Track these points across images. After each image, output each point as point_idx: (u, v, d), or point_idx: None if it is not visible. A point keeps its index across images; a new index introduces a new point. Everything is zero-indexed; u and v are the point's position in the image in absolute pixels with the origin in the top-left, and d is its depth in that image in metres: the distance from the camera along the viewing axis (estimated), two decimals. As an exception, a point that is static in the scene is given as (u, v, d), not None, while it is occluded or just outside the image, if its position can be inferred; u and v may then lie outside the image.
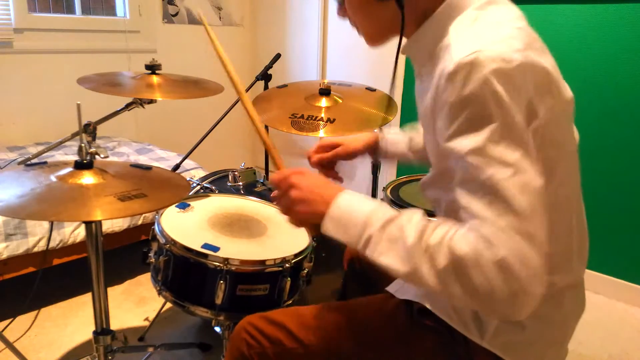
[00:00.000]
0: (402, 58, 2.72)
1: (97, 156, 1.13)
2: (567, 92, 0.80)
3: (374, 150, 1.25)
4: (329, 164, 1.22)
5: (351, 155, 1.23)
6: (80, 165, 1.09)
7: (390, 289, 0.99)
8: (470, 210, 0.68)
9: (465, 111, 0.68)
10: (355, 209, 0.77)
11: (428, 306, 0.89)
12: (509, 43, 0.69)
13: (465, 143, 0.69)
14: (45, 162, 1.18)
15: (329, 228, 0.78)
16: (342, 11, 0.89)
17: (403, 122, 2.78)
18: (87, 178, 1.07)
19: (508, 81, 0.67)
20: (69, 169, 1.09)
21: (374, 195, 1.88)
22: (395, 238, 0.72)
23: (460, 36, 0.73)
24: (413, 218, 0.72)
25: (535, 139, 0.71)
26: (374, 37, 0.88)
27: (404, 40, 0.86)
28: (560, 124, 0.76)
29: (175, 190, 1.12)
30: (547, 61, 0.75)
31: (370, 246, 0.73)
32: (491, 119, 0.67)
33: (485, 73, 0.66)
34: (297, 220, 0.85)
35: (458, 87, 0.68)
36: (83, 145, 1.09)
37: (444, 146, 0.72)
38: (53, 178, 1.07)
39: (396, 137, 1.25)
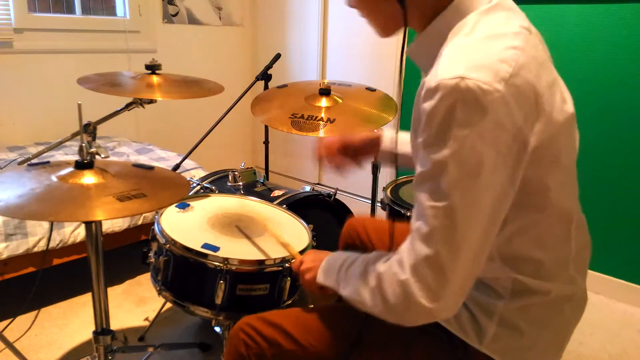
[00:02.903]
0: (402, 59, 2.72)
1: (97, 156, 1.13)
2: (567, 108, 0.77)
3: (376, 147, 1.23)
4: (340, 151, 1.24)
5: (357, 144, 1.23)
6: (80, 165, 1.09)
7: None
8: (410, 226, 0.77)
9: (431, 129, 0.70)
10: (335, 260, 0.94)
11: None
12: (496, 69, 0.68)
13: (421, 160, 0.73)
14: (47, 162, 1.18)
15: (321, 278, 0.96)
16: (351, 2, 0.89)
17: (403, 122, 2.78)
18: (88, 178, 1.07)
19: (482, 114, 0.67)
20: (70, 169, 1.09)
21: (374, 195, 1.88)
22: (351, 274, 0.87)
23: (452, 50, 0.73)
24: (369, 255, 0.87)
25: (526, 160, 0.72)
26: (382, 30, 0.89)
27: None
28: (556, 141, 0.75)
29: (174, 190, 1.12)
30: (542, 80, 0.72)
31: (340, 285, 0.90)
32: (449, 146, 0.68)
33: (458, 102, 0.67)
34: (309, 283, 1.01)
35: (432, 105, 0.69)
36: (84, 145, 1.09)
37: (414, 149, 0.77)
38: (53, 178, 1.07)
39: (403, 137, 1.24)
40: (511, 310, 0.82)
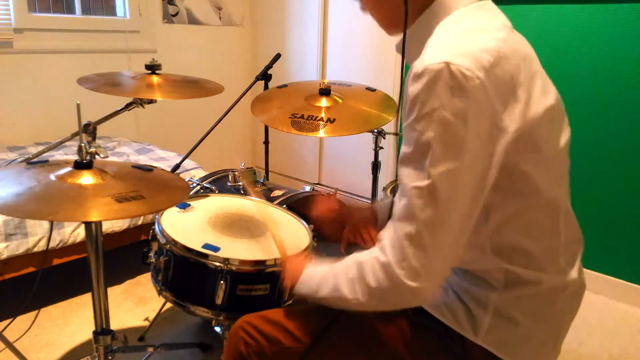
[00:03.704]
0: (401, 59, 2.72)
1: (97, 156, 1.13)
2: (547, 100, 0.79)
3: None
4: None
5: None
6: (79, 165, 1.09)
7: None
8: (393, 210, 0.78)
9: (415, 112, 0.73)
10: (316, 269, 0.93)
11: (423, 305, 0.90)
12: (479, 57, 0.72)
13: (406, 141, 0.76)
14: (46, 161, 1.18)
15: (299, 289, 0.94)
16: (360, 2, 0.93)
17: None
18: (86, 178, 1.07)
19: (464, 98, 0.70)
20: (69, 169, 1.09)
21: (374, 195, 1.88)
22: (331, 274, 0.86)
23: (439, 39, 0.77)
24: (347, 257, 0.86)
25: (504, 146, 0.75)
26: (388, 27, 0.92)
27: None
28: (534, 130, 0.77)
29: (173, 192, 1.12)
30: (521, 71, 0.76)
31: (320, 288, 0.88)
32: (433, 128, 0.71)
33: (443, 85, 0.70)
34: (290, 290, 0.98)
35: (417, 88, 0.72)
36: (83, 145, 1.09)
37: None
38: (52, 177, 1.06)
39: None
40: (505, 301, 0.83)
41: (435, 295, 0.78)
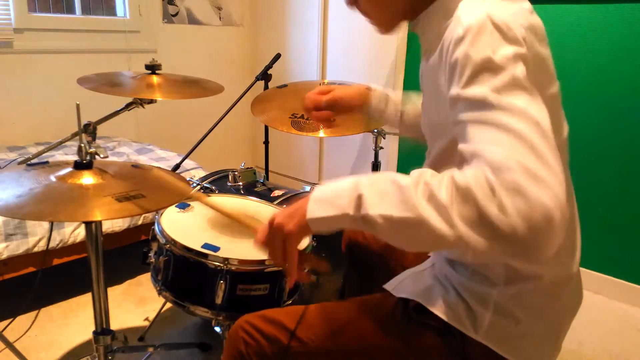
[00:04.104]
0: (402, 58, 2.72)
1: (97, 156, 1.13)
2: (557, 84, 0.80)
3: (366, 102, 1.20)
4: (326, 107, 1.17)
5: (347, 103, 1.18)
6: (79, 166, 1.09)
7: (388, 286, 0.99)
8: (479, 152, 0.63)
9: (474, 68, 0.69)
10: (336, 185, 0.73)
11: (423, 303, 0.90)
12: (516, 18, 0.72)
13: (467, 106, 0.69)
14: (46, 162, 1.18)
15: (315, 211, 0.72)
16: (352, 1, 0.90)
17: (403, 122, 2.78)
18: (87, 178, 1.07)
19: (514, 43, 0.69)
20: (69, 169, 1.09)
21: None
22: (387, 189, 0.67)
23: (469, 7, 0.75)
24: (399, 174, 0.69)
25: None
26: (385, 25, 0.90)
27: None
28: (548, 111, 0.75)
29: (174, 191, 1.12)
30: (544, 44, 0.77)
31: (363, 204, 0.67)
32: (497, 72, 0.67)
33: (490, 33, 0.69)
34: (293, 234, 0.77)
35: (466, 46, 0.70)
36: (82, 145, 1.09)
37: (452, 104, 0.72)
38: (52, 178, 1.07)
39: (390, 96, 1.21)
40: (506, 297, 0.83)
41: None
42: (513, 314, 0.83)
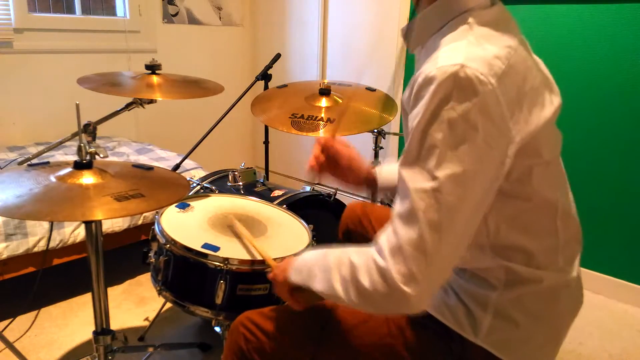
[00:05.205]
0: (402, 58, 2.71)
1: (96, 156, 1.13)
2: (549, 107, 0.80)
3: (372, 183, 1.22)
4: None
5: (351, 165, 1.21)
6: (79, 166, 1.09)
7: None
8: (393, 211, 0.76)
9: (426, 113, 0.71)
10: (308, 256, 0.90)
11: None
12: (492, 63, 0.71)
13: (411, 142, 0.74)
14: (47, 162, 1.18)
15: (293, 276, 0.91)
16: None
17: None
18: (87, 178, 1.07)
19: (476, 103, 0.69)
20: (69, 169, 1.09)
21: (373, 194, 1.88)
22: (325, 265, 0.84)
23: (452, 43, 0.75)
24: (341, 248, 0.84)
25: (510, 154, 0.74)
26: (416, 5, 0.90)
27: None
28: (537, 138, 0.77)
29: (173, 190, 1.12)
30: (527, 82, 0.76)
31: (314, 280, 0.85)
32: (442, 129, 0.70)
33: (456, 87, 0.69)
34: (282, 286, 0.95)
35: (431, 90, 0.71)
36: (82, 145, 1.09)
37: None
38: (52, 178, 1.07)
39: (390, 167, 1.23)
40: (505, 301, 0.83)
41: (428, 304, 0.75)
42: (513, 318, 0.83)
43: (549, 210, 0.83)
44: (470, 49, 0.72)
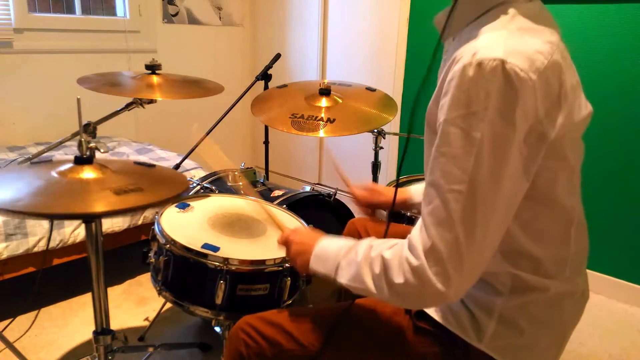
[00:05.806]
0: (402, 58, 2.71)
1: (97, 151, 1.13)
2: (584, 109, 0.80)
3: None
4: (371, 207, 1.32)
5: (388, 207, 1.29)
6: (80, 160, 1.09)
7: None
8: (422, 209, 0.75)
9: (462, 108, 0.70)
10: (333, 247, 0.90)
11: (426, 309, 0.89)
12: (533, 58, 0.70)
13: (444, 138, 0.72)
14: (50, 160, 1.18)
15: (314, 264, 0.91)
16: None
17: (403, 122, 2.78)
18: (87, 173, 1.07)
19: (515, 100, 0.68)
20: (70, 165, 1.09)
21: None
22: (352, 259, 0.84)
23: (492, 33, 0.73)
24: (366, 241, 0.85)
25: (542, 153, 0.73)
26: None
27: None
28: (569, 140, 0.76)
29: (172, 186, 1.12)
30: (567, 80, 0.75)
31: (338, 274, 0.86)
32: (481, 128, 0.68)
33: (496, 84, 0.68)
34: (300, 268, 0.96)
35: (467, 81, 0.69)
36: (83, 140, 1.09)
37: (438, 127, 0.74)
38: (54, 173, 1.06)
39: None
40: (510, 307, 0.83)
41: (460, 297, 0.77)
42: (517, 324, 0.82)
43: (566, 220, 0.82)
44: (510, 42, 0.71)
